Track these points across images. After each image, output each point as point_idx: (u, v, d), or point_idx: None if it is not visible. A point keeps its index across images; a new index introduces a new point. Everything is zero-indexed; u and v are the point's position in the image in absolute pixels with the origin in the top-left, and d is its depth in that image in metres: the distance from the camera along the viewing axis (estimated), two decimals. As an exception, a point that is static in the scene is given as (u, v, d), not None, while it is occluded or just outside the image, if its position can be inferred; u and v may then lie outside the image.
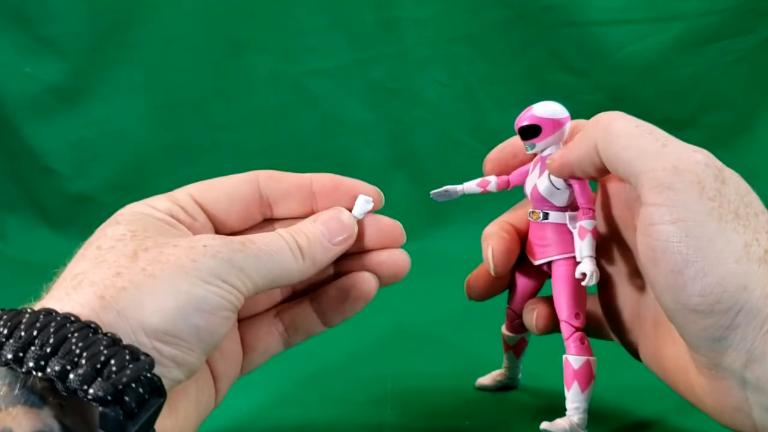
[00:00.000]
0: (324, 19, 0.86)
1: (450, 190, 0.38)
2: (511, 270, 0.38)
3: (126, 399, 0.23)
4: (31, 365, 0.23)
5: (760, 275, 0.27)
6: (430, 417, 0.42)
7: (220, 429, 0.39)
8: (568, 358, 0.34)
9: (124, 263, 0.27)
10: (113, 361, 0.23)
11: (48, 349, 0.23)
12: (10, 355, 0.23)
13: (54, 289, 0.27)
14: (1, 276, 0.78)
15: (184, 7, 0.86)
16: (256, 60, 0.87)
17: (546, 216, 0.36)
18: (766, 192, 0.32)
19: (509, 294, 0.40)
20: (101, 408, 0.22)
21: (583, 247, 0.34)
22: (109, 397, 0.22)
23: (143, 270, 0.26)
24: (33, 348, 0.23)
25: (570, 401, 0.34)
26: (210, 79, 0.88)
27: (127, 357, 0.24)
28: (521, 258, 0.38)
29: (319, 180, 0.35)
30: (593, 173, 0.33)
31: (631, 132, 0.30)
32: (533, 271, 0.38)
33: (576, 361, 0.34)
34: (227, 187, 0.34)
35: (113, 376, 0.23)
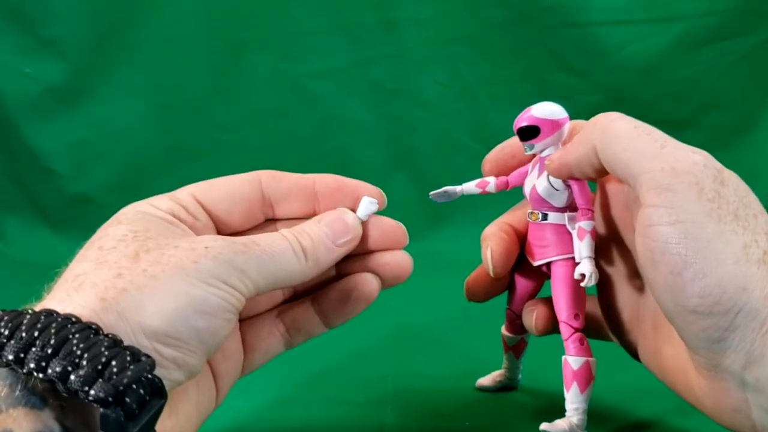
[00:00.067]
0: (324, 20, 0.86)
1: (449, 191, 0.38)
2: (511, 271, 0.38)
3: (127, 400, 0.23)
4: (33, 366, 0.23)
5: (759, 276, 0.27)
6: (430, 417, 0.42)
7: (220, 430, 0.39)
8: (567, 358, 0.34)
9: (125, 264, 0.27)
10: (114, 363, 0.23)
11: (49, 350, 0.23)
12: (11, 356, 0.23)
13: (55, 290, 0.27)
14: (1, 276, 0.78)
15: (184, 8, 0.86)
16: (256, 60, 0.87)
17: (545, 217, 0.36)
18: (766, 193, 0.32)
19: (509, 295, 0.40)
20: (102, 409, 0.22)
21: (582, 248, 0.34)
22: (110, 398, 0.22)
23: (144, 271, 0.26)
24: (34, 349, 0.23)
25: (569, 402, 0.34)
26: (210, 80, 0.88)
27: (128, 358, 0.23)
28: (520, 259, 0.38)
29: (322, 180, 0.35)
30: (592, 174, 0.33)
31: (630, 133, 0.30)
32: (532, 272, 0.38)
33: (575, 362, 0.34)
34: (229, 187, 0.34)
35: (114, 377, 0.23)
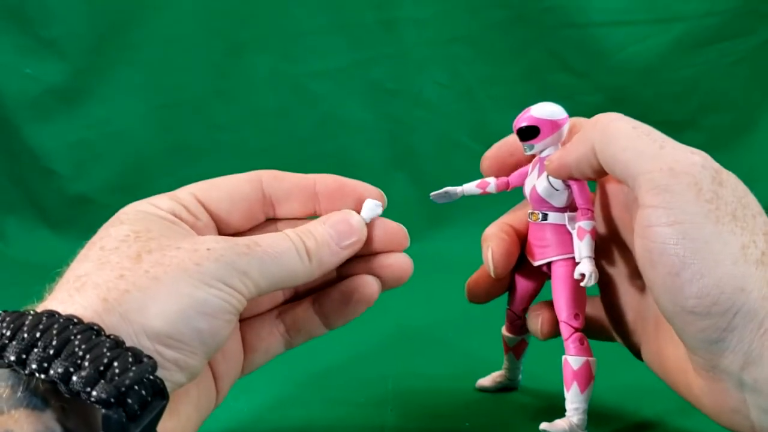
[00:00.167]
0: (324, 20, 0.86)
1: (450, 191, 0.38)
2: (511, 272, 0.38)
3: (129, 401, 0.23)
4: (34, 367, 0.23)
5: (757, 277, 0.27)
6: (430, 418, 0.42)
7: (221, 430, 0.39)
8: (567, 358, 0.34)
9: (127, 265, 0.27)
10: (116, 364, 0.23)
11: (51, 351, 0.23)
12: (13, 357, 0.23)
13: (57, 291, 0.27)
14: (1, 277, 0.78)
15: (184, 8, 0.86)
16: (256, 60, 0.87)
17: (545, 217, 0.36)
18: (765, 193, 0.32)
19: (509, 295, 0.40)
20: (104, 410, 0.22)
21: (582, 248, 0.34)
22: (112, 400, 0.22)
23: (146, 272, 0.26)
24: (36, 350, 0.23)
25: (569, 402, 0.34)
26: (210, 80, 0.88)
27: (130, 359, 0.23)
28: (521, 259, 0.38)
29: (322, 181, 0.35)
30: (591, 174, 0.33)
31: (629, 133, 0.30)
32: (533, 273, 0.38)
33: (575, 362, 0.34)
34: (230, 187, 0.34)
35: (116, 378, 0.23)
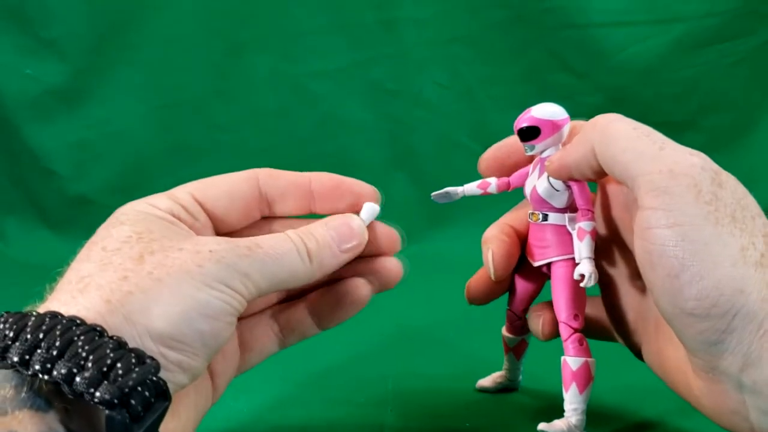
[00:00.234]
0: (324, 20, 0.86)
1: (450, 191, 0.38)
2: (511, 273, 0.38)
3: (132, 402, 0.23)
4: (38, 368, 0.23)
5: (756, 279, 0.27)
6: (430, 418, 0.42)
7: (221, 430, 0.39)
8: (566, 359, 0.34)
9: (130, 266, 0.27)
10: (119, 365, 0.23)
11: (54, 352, 0.23)
12: (16, 358, 0.23)
13: (59, 291, 0.27)
14: (1, 277, 0.78)
15: (184, 8, 0.86)
16: (256, 60, 0.87)
17: (545, 217, 0.36)
18: (765, 194, 0.32)
19: (509, 296, 0.40)
20: (107, 411, 0.22)
21: (582, 249, 0.34)
22: (116, 401, 0.22)
23: (149, 274, 0.26)
24: (39, 351, 0.23)
25: (568, 402, 0.34)
26: (210, 80, 0.88)
27: (133, 360, 0.24)
28: (521, 260, 0.38)
29: (318, 179, 0.35)
30: (591, 176, 0.33)
31: (629, 135, 0.30)
32: (533, 274, 0.38)
33: (574, 363, 0.34)
34: (227, 186, 0.34)
35: (119, 379, 0.23)
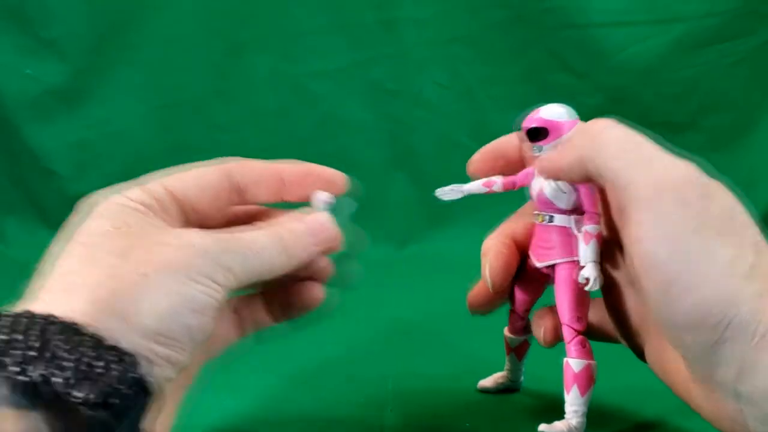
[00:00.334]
0: (324, 20, 0.86)
1: (455, 189, 0.38)
2: (511, 282, 0.38)
3: (113, 401, 0.22)
4: (15, 369, 0.22)
5: (746, 290, 0.27)
6: (430, 418, 0.42)
7: (217, 429, 0.39)
8: (568, 361, 0.34)
9: (114, 262, 0.26)
10: (98, 363, 0.23)
11: (31, 353, 0.22)
12: None
13: (41, 290, 0.26)
14: (1, 277, 0.78)
15: (184, 8, 0.86)
16: (256, 60, 0.87)
17: (551, 219, 0.36)
18: (765, 194, 0.32)
19: (510, 299, 0.40)
20: (88, 411, 0.22)
21: (587, 252, 0.34)
22: (96, 400, 0.22)
23: (135, 270, 0.26)
24: (15, 351, 0.22)
25: (569, 404, 0.34)
26: (210, 80, 0.88)
27: (112, 358, 0.23)
28: (521, 268, 0.38)
29: (289, 167, 0.35)
30: (583, 181, 0.33)
31: (619, 144, 0.30)
32: (532, 282, 0.38)
33: (576, 365, 0.34)
34: (197, 175, 0.34)
35: (98, 378, 0.22)
